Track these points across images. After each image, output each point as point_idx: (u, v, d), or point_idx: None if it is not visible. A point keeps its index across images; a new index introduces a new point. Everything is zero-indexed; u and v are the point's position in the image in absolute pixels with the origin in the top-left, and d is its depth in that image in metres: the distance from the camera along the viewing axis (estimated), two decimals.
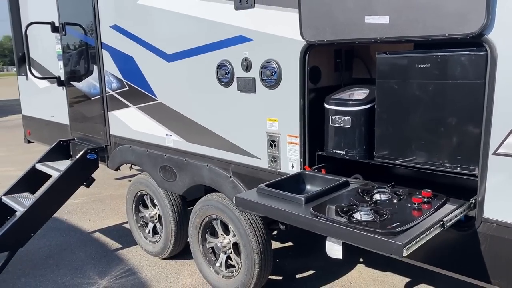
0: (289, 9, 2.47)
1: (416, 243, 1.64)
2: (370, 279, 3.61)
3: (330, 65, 2.75)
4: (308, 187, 2.36)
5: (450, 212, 1.89)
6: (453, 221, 1.88)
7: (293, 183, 2.35)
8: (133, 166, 5.04)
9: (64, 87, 4.63)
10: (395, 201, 2.02)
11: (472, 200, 2.00)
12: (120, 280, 3.73)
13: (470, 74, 1.91)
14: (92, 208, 5.49)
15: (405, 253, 1.58)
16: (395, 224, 1.71)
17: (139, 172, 4.64)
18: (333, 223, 1.80)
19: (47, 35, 4.61)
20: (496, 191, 1.88)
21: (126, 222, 4.95)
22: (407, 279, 3.58)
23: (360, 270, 3.76)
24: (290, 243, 4.33)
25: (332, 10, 2.24)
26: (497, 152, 1.85)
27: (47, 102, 5.09)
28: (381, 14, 2.04)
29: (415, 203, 1.93)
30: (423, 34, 1.94)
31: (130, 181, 5.85)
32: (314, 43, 2.37)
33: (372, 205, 1.94)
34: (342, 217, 1.83)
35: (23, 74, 5.41)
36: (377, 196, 2.05)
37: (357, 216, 1.82)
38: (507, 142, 1.81)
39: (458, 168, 2.03)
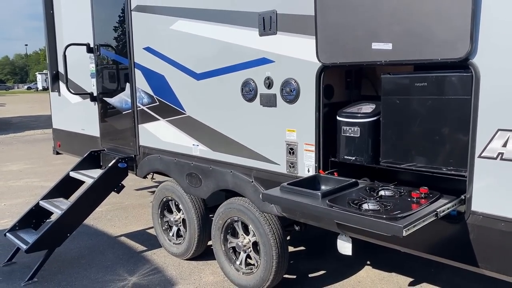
0: (306, 36, 2.90)
1: (414, 226, 2.02)
2: (377, 278, 3.95)
3: (342, 83, 3.16)
4: (322, 187, 2.74)
5: (443, 205, 2.27)
6: (445, 212, 2.25)
7: (309, 184, 2.74)
8: (154, 177, 5.44)
9: (96, 103, 5.07)
10: (397, 196, 2.40)
11: (462, 196, 2.38)
12: (148, 277, 4.09)
13: (458, 91, 2.31)
14: (116, 216, 5.88)
15: (404, 233, 1.96)
16: (397, 212, 2.10)
17: (157, 184, 5.05)
18: (346, 211, 2.18)
19: (81, 55, 5.09)
20: (481, 188, 2.26)
21: (149, 228, 5.36)
22: (411, 279, 3.92)
23: (368, 271, 4.10)
24: (302, 247, 4.68)
25: (344, 37, 2.66)
26: (482, 155, 2.23)
27: (78, 116, 5.54)
28: (385, 41, 2.46)
29: (414, 198, 2.32)
30: (420, 58, 2.36)
31: (149, 191, 6.26)
32: (328, 64, 2.79)
33: (378, 198, 2.33)
34: (353, 207, 2.22)
35: (56, 90, 5.87)
36: (382, 192, 2.44)
37: (365, 206, 2.21)
38: (490, 147, 2.20)
39: (451, 170, 2.41)
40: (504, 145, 2.15)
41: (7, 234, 4.47)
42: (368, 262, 4.26)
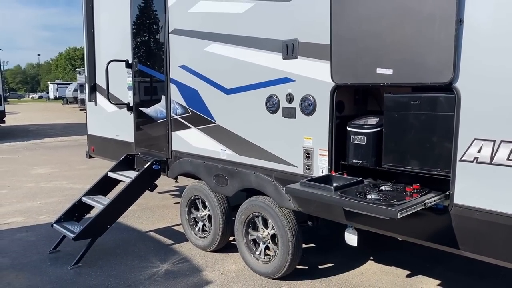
0: (322, 60, 3.54)
1: (406, 211, 2.63)
2: (379, 270, 4.52)
3: (351, 100, 3.78)
4: (334, 184, 3.34)
5: (430, 197, 2.87)
6: (432, 203, 2.85)
7: (323, 181, 3.34)
8: (178, 180, 6.05)
9: (132, 112, 5.73)
10: (394, 190, 3.01)
11: (447, 192, 2.97)
12: (177, 265, 4.68)
13: (445, 108, 2.92)
14: (143, 214, 6.49)
15: (399, 215, 2.56)
16: (393, 201, 2.70)
17: (176, 188, 5.64)
18: (354, 200, 2.79)
19: (120, 70, 5.77)
20: (462, 185, 2.85)
21: (174, 225, 5.97)
22: (408, 272, 4.48)
23: (370, 264, 4.68)
24: (312, 244, 5.26)
25: (354, 63, 3.29)
26: (462, 159, 2.83)
27: (113, 123, 6.19)
28: (387, 67, 3.09)
29: (407, 192, 2.92)
30: (414, 81, 2.98)
31: (170, 194, 6.90)
32: (340, 84, 3.42)
33: (379, 191, 2.94)
34: (359, 197, 2.83)
35: (92, 100, 6.55)
36: (382, 188, 3.05)
37: (369, 196, 2.82)
38: (468, 152, 2.80)
39: (438, 171, 3.01)
40: (479, 151, 2.75)
41: (54, 225, 5.10)
42: (371, 258, 4.83)
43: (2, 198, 7.53)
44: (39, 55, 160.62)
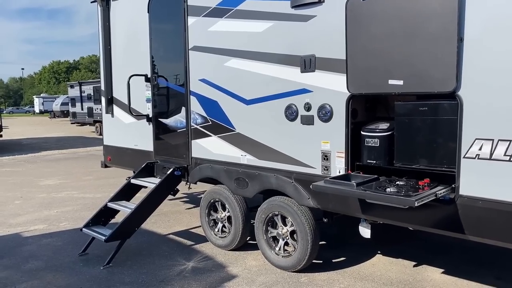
0: (338, 73, 4.01)
1: (422, 200, 3.10)
2: (387, 262, 4.98)
3: (363, 107, 4.25)
4: (355, 181, 3.79)
5: (439, 190, 3.35)
6: (441, 194, 3.33)
7: (343, 179, 3.80)
8: (191, 186, 6.44)
9: (151, 123, 6.14)
10: (408, 184, 3.48)
11: (453, 185, 3.45)
12: (202, 262, 5.07)
13: (449, 113, 3.41)
14: (159, 220, 6.86)
15: (416, 204, 3.03)
16: (410, 192, 3.17)
17: (186, 195, 5.96)
18: (376, 193, 3.25)
19: (138, 83, 6.17)
20: (466, 178, 3.33)
21: (191, 228, 6.36)
22: (414, 262, 4.95)
23: (379, 258, 5.13)
24: (324, 242, 5.69)
25: (368, 75, 3.77)
26: (465, 156, 3.32)
27: (131, 134, 6.58)
28: (398, 79, 3.58)
29: (420, 185, 3.40)
30: (422, 90, 3.47)
31: (181, 201, 7.30)
32: (355, 94, 3.90)
33: (396, 186, 3.41)
34: (380, 190, 3.29)
35: (109, 112, 6.92)
36: (398, 182, 3.52)
37: (388, 189, 3.29)
38: (470, 150, 3.28)
39: (445, 167, 3.49)
40: (480, 149, 3.24)
41: (83, 229, 5.45)
42: (379, 252, 5.29)
43: (18, 208, 7.82)
44: (22, 69, 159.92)
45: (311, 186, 3.85)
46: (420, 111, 3.59)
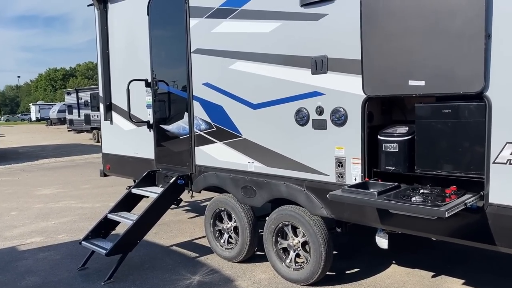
0: (352, 74, 3.77)
1: (452, 210, 2.84)
2: (403, 273, 4.73)
3: (379, 110, 4.01)
4: (375, 189, 3.54)
5: (468, 198, 3.10)
6: (471, 203, 3.08)
7: (361, 187, 3.55)
8: (193, 194, 6.18)
9: (152, 130, 5.88)
10: (433, 193, 3.23)
11: (481, 193, 3.20)
12: (208, 276, 4.80)
13: (476, 115, 3.17)
14: (161, 230, 6.58)
15: (447, 215, 2.78)
16: (438, 201, 2.92)
17: (187, 204, 5.71)
18: (401, 202, 3.00)
19: (137, 89, 5.92)
20: (496, 185, 3.09)
21: (195, 239, 6.09)
22: (432, 273, 4.69)
23: (394, 268, 4.88)
24: (335, 252, 5.43)
25: (385, 76, 3.53)
26: (495, 161, 3.08)
27: (131, 141, 6.31)
28: (419, 79, 3.34)
29: (447, 193, 3.15)
30: (446, 91, 3.23)
31: (183, 210, 7.04)
32: (373, 96, 3.66)
33: (421, 194, 3.16)
34: (405, 200, 3.04)
35: (108, 119, 6.66)
36: (422, 191, 3.27)
37: (413, 199, 3.03)
38: (501, 155, 3.04)
39: (471, 174, 3.25)
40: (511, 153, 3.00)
41: (82, 242, 5.17)
42: (394, 261, 5.03)
43: (14, 220, 7.53)
44: (19, 76, 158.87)
45: (327, 196, 3.59)
46: (444, 113, 3.35)
